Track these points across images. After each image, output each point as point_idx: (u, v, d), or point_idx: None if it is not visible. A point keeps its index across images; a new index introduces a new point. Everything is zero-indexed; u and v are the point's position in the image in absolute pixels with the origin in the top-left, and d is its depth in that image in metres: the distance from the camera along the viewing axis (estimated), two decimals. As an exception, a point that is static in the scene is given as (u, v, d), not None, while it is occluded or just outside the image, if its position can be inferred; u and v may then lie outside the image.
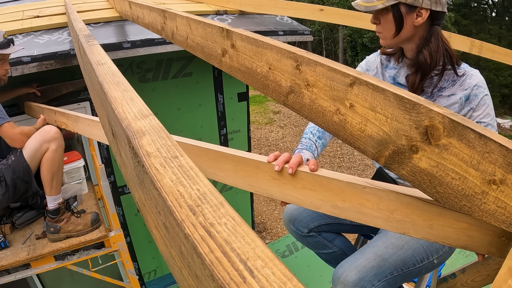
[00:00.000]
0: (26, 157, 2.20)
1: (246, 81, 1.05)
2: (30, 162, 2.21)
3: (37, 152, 2.21)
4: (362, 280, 1.34)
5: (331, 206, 0.95)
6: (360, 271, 1.36)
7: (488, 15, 24.65)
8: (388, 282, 1.38)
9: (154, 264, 4.37)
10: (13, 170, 2.18)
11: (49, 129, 2.25)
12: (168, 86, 3.81)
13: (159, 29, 1.72)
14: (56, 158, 2.25)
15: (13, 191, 2.22)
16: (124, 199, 3.86)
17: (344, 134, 0.81)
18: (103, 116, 0.85)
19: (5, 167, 2.19)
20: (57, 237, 2.36)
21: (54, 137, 2.23)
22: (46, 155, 2.23)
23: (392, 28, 1.34)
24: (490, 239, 0.80)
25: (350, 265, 1.40)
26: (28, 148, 2.21)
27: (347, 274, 1.37)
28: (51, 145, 2.23)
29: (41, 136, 2.23)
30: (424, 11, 1.29)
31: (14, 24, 3.04)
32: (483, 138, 0.59)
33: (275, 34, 3.42)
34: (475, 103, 1.34)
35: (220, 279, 0.28)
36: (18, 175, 2.20)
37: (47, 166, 2.24)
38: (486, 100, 1.34)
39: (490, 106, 1.36)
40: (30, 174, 2.25)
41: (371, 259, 1.40)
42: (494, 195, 0.61)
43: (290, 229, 1.75)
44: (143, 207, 0.53)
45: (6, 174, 2.18)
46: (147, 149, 0.48)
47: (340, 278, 1.38)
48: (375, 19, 1.38)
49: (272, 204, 6.91)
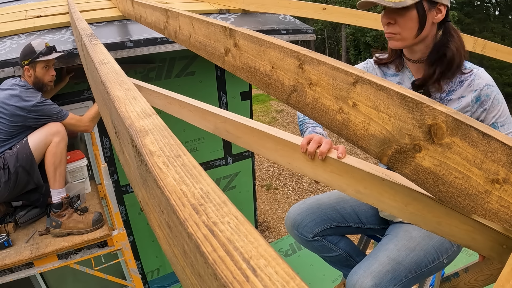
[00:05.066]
0: (31, 145, 2.30)
1: (249, 80, 1.05)
2: (34, 151, 2.30)
3: (41, 142, 2.32)
4: (379, 286, 1.32)
5: (355, 191, 1.02)
6: (376, 276, 1.34)
7: (491, 13, 24.55)
8: (403, 286, 1.37)
9: (157, 263, 4.37)
10: (17, 158, 2.27)
11: (54, 124, 2.37)
12: (171, 85, 3.80)
13: (161, 28, 1.72)
14: (58, 151, 2.35)
15: (14, 179, 2.28)
16: (127, 198, 3.87)
17: (347, 133, 0.81)
18: (106, 115, 0.85)
19: (10, 155, 2.28)
20: (58, 232, 2.37)
21: (58, 130, 2.36)
22: (50, 148, 2.34)
23: (414, 27, 1.24)
24: (491, 245, 0.84)
25: (365, 271, 1.38)
26: (33, 137, 2.32)
27: (362, 280, 1.35)
28: (55, 137, 2.34)
29: (47, 128, 2.35)
30: (443, 7, 1.24)
31: (17, 24, 3.05)
32: (486, 137, 0.59)
33: (278, 33, 3.41)
34: (488, 104, 1.27)
35: (223, 278, 0.28)
36: (21, 163, 2.27)
37: (50, 159, 2.34)
38: (499, 99, 1.28)
39: (504, 104, 1.29)
40: (32, 164, 2.32)
41: (385, 263, 1.38)
42: (497, 194, 0.61)
43: (294, 234, 1.73)
44: (146, 206, 0.53)
45: (9, 162, 2.26)
46: (150, 148, 0.48)
47: (356, 285, 1.36)
48: (390, 19, 1.26)
49: (275, 203, 6.91)
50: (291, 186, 7.53)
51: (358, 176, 1.00)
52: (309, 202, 1.74)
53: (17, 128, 2.31)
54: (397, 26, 1.26)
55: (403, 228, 1.52)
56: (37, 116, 2.33)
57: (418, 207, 0.91)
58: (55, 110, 2.39)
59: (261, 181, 7.72)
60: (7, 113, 2.27)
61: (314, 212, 1.68)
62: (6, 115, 2.27)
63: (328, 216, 1.69)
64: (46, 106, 2.35)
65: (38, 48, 2.37)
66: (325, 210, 1.70)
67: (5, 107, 2.27)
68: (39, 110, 2.32)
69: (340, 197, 1.75)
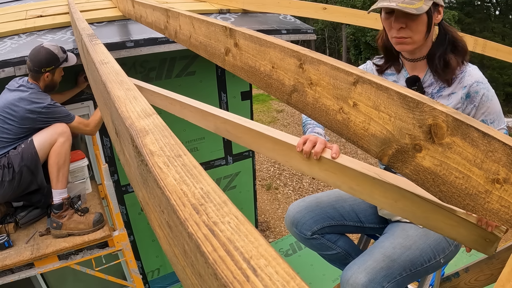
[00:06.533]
0: (36, 144, 2.31)
1: (249, 80, 1.05)
2: (39, 151, 2.31)
3: (46, 141, 2.33)
4: (372, 282, 1.33)
5: (348, 187, 1.07)
6: (370, 273, 1.35)
7: (491, 13, 24.54)
8: (397, 283, 1.37)
9: (157, 263, 4.37)
10: (22, 157, 2.28)
11: (59, 124, 2.40)
12: (172, 85, 3.80)
13: (162, 28, 1.72)
14: (63, 151, 2.37)
15: (18, 179, 2.29)
16: (127, 198, 3.87)
17: (347, 133, 0.81)
18: (107, 115, 0.85)
19: (14, 154, 2.29)
20: (59, 233, 2.37)
21: (64, 130, 2.38)
22: (54, 147, 2.35)
23: (423, 30, 1.28)
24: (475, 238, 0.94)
25: (359, 267, 1.39)
26: (38, 137, 2.33)
27: (356, 276, 1.36)
28: (60, 138, 2.36)
29: (52, 128, 2.37)
30: (441, 8, 1.30)
31: (17, 24, 3.05)
32: (486, 137, 0.59)
33: (278, 33, 3.41)
34: (477, 100, 1.30)
35: (223, 277, 0.28)
36: (26, 163, 2.28)
37: (54, 159, 2.35)
38: (488, 96, 1.30)
39: (495, 101, 1.31)
40: (37, 164, 2.33)
41: (380, 260, 1.39)
42: (497, 194, 0.61)
43: (293, 232, 1.74)
44: (146, 206, 0.53)
45: (14, 161, 2.27)
46: (150, 148, 0.48)
47: (350, 281, 1.37)
48: (401, 23, 1.27)
49: (275, 203, 6.91)
50: (291, 186, 7.53)
51: (351, 175, 1.05)
52: (308, 200, 1.75)
53: (25, 130, 2.33)
54: (408, 30, 1.28)
55: (400, 227, 1.52)
56: (46, 119, 2.35)
57: (406, 203, 0.97)
58: (64, 113, 2.43)
59: (261, 181, 7.72)
60: (16, 115, 2.28)
61: (313, 210, 1.69)
62: (15, 117, 2.29)
63: (327, 214, 1.69)
64: (56, 108, 2.39)
65: (59, 54, 2.43)
66: (324, 208, 1.71)
67: (14, 109, 2.28)
68: (49, 112, 2.34)
69: (339, 196, 1.76)
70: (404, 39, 1.30)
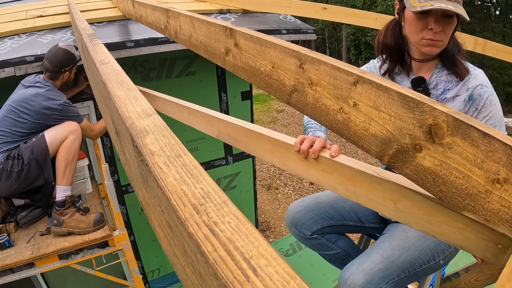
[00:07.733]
0: (47, 139, 2.35)
1: (249, 80, 1.05)
2: (50, 146, 2.35)
3: (57, 136, 2.38)
4: (370, 283, 1.33)
5: (345, 190, 1.02)
6: (367, 274, 1.35)
7: (492, 13, 24.50)
8: (395, 284, 1.37)
9: (157, 263, 4.37)
10: (32, 150, 2.32)
11: (71, 122, 2.46)
12: (172, 85, 3.81)
13: (162, 28, 1.72)
14: (72, 148, 2.42)
15: (27, 171, 2.32)
16: (128, 198, 3.87)
17: (347, 133, 0.81)
18: (107, 115, 0.85)
19: (25, 147, 2.33)
20: (59, 230, 2.38)
21: (75, 128, 2.45)
22: (64, 143, 2.40)
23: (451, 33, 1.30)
24: (486, 244, 0.78)
25: (357, 268, 1.39)
26: (50, 132, 2.38)
27: (354, 277, 1.36)
28: (71, 135, 2.41)
29: (64, 125, 2.43)
30: None
31: (17, 24, 3.05)
32: (487, 137, 0.59)
33: (278, 32, 3.41)
34: (480, 104, 1.29)
35: (223, 277, 0.28)
36: (35, 156, 2.32)
37: (63, 154, 2.40)
38: (492, 100, 1.29)
39: (498, 106, 1.31)
40: (46, 158, 2.36)
41: (378, 261, 1.39)
42: (498, 194, 0.61)
43: (293, 232, 1.74)
44: (146, 205, 0.53)
45: (24, 153, 2.31)
46: (150, 148, 0.48)
47: (347, 282, 1.37)
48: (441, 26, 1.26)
49: (275, 203, 6.91)
50: (291, 186, 7.52)
51: (348, 174, 1.01)
52: (308, 200, 1.75)
53: (38, 125, 2.37)
54: (443, 33, 1.28)
55: (399, 228, 1.52)
56: (60, 116, 2.40)
57: (407, 204, 0.89)
58: (76, 113, 2.49)
59: (261, 181, 7.72)
60: (32, 109, 2.33)
61: (313, 210, 1.69)
62: (31, 111, 2.33)
63: (326, 214, 1.69)
64: (70, 107, 2.45)
65: (75, 53, 2.52)
66: (324, 208, 1.71)
67: (30, 103, 2.33)
68: (64, 110, 2.40)
69: (339, 196, 1.75)
70: (437, 42, 1.29)
